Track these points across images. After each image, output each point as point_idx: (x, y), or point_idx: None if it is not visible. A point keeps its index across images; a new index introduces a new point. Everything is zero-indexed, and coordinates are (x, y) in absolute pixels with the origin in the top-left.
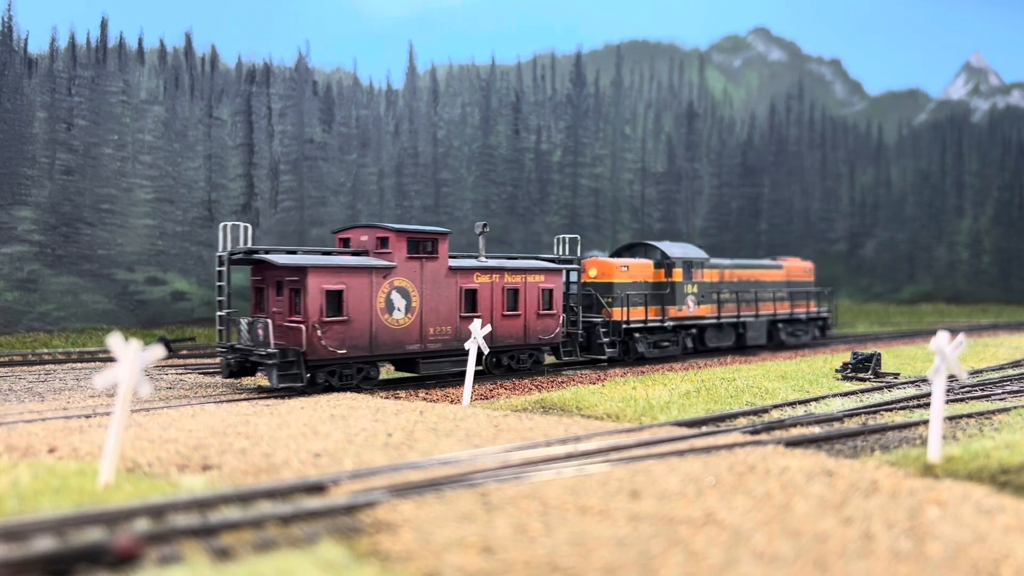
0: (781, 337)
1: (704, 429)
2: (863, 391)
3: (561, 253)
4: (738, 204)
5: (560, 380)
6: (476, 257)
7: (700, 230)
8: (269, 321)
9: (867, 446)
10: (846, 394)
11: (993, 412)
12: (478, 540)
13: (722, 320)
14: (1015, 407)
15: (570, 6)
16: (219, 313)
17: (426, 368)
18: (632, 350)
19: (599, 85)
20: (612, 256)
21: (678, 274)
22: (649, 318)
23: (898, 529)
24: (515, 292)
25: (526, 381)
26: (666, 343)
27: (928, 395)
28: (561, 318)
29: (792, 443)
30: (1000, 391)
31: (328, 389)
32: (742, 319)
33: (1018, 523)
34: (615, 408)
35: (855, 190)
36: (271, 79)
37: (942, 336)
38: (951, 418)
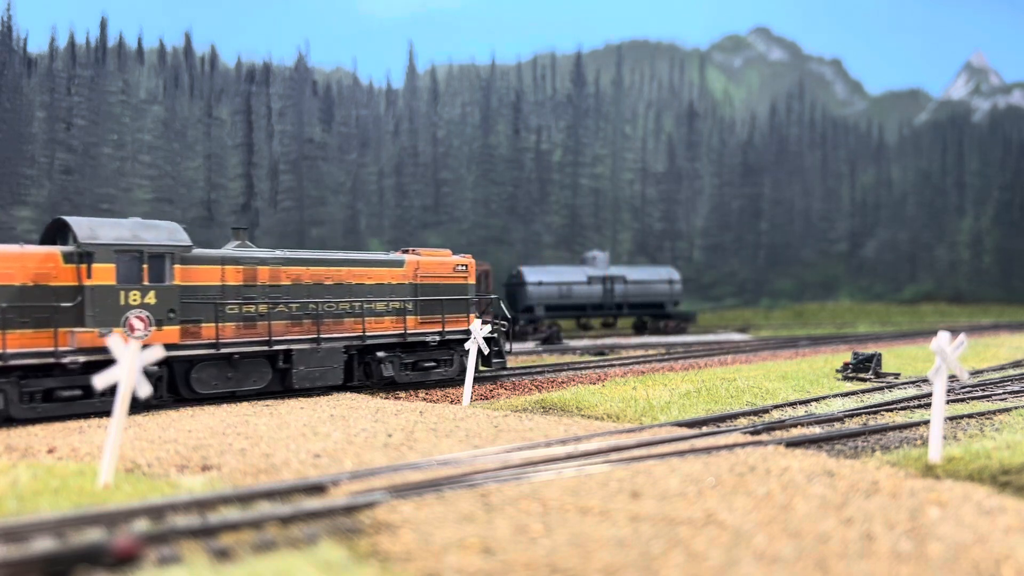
0: (386, 372)
1: (705, 429)
2: (864, 391)
3: None
4: (739, 204)
5: (560, 380)
6: None
7: (701, 230)
8: None
9: (868, 446)
10: (847, 394)
11: (994, 412)
12: (478, 541)
13: (224, 349)
14: (1016, 407)
15: (570, 6)
16: None
17: None
18: None
19: (599, 85)
20: (43, 240)
21: (105, 272)
22: (10, 351)
23: (899, 530)
24: None
25: (526, 381)
26: (70, 391)
27: (929, 395)
28: None
29: (793, 443)
30: (1001, 391)
31: None
32: (277, 347)
33: (1019, 524)
34: (615, 408)
35: (856, 190)
36: (271, 79)
37: (943, 336)
38: (952, 418)
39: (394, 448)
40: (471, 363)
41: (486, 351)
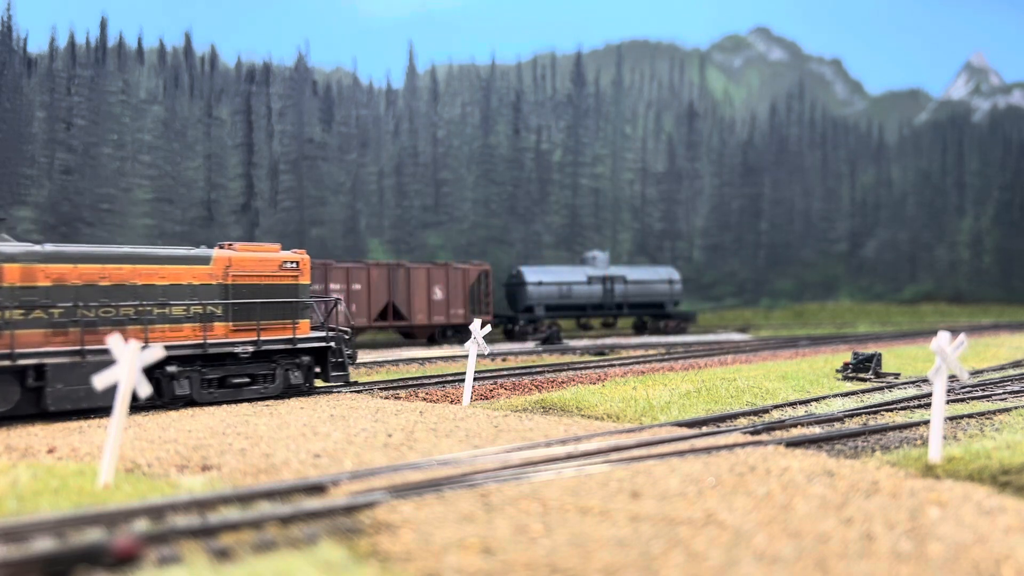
0: (179, 390)
1: (705, 429)
2: (864, 391)
3: None
4: (739, 204)
5: (560, 380)
6: None
7: (701, 230)
8: None
9: (868, 446)
10: (847, 394)
11: (994, 412)
12: (478, 541)
13: None
14: (1016, 407)
15: (570, 6)
16: None
17: None
18: None
19: (599, 85)
20: None
21: None
22: None
23: (899, 530)
24: None
25: (526, 381)
26: None
27: (929, 395)
28: None
29: (793, 443)
30: (1001, 391)
31: None
32: (23, 361)
33: (1019, 524)
34: (615, 408)
35: (856, 190)
36: (271, 79)
37: (943, 336)
38: (952, 418)
39: (394, 448)
40: (471, 362)
41: (486, 352)
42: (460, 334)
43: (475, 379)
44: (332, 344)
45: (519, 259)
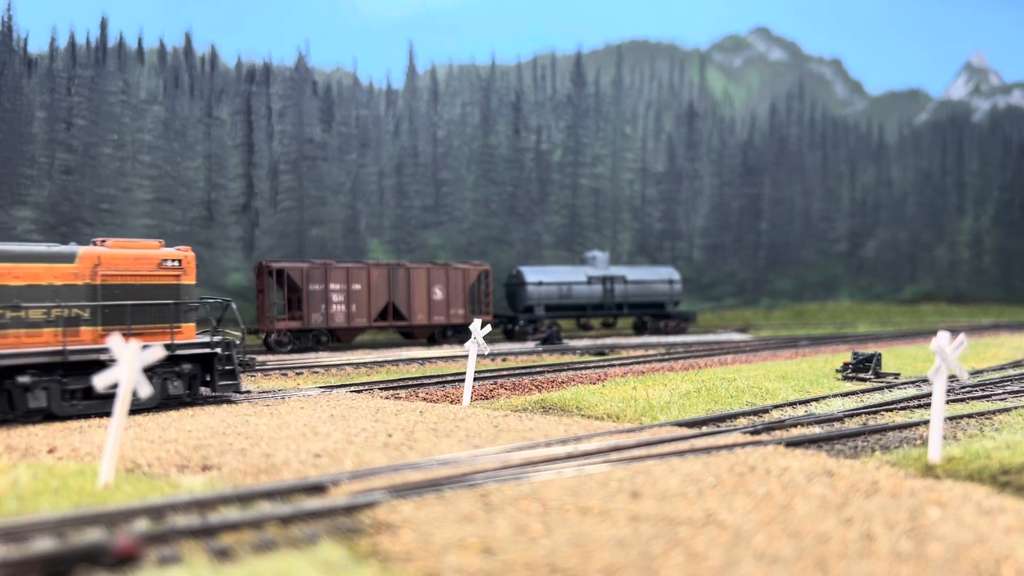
0: (34, 402)
1: (704, 429)
2: (864, 391)
3: None
4: (739, 204)
5: (560, 380)
6: None
7: (701, 230)
8: None
9: (868, 446)
10: (847, 394)
11: (994, 412)
12: (478, 541)
13: None
14: (1016, 407)
15: (570, 6)
16: None
17: None
18: None
19: (599, 85)
20: None
21: None
22: None
23: (899, 530)
24: None
25: (526, 381)
26: None
27: (929, 395)
28: None
29: (793, 443)
30: (1001, 391)
31: None
32: None
33: (1019, 523)
34: (615, 408)
35: (856, 190)
36: (271, 79)
37: (943, 336)
38: (952, 418)
39: (394, 448)
40: (471, 362)
41: (486, 352)
42: (460, 334)
43: (475, 379)
44: (218, 350)
45: (519, 259)
